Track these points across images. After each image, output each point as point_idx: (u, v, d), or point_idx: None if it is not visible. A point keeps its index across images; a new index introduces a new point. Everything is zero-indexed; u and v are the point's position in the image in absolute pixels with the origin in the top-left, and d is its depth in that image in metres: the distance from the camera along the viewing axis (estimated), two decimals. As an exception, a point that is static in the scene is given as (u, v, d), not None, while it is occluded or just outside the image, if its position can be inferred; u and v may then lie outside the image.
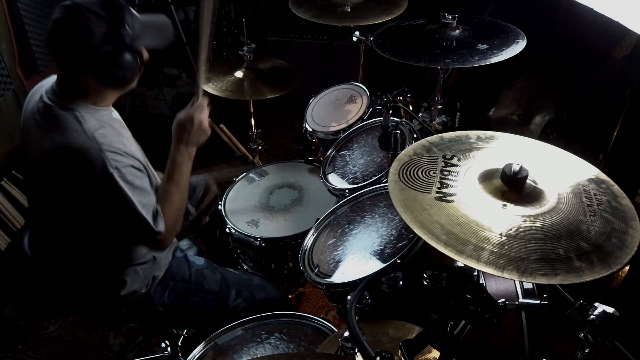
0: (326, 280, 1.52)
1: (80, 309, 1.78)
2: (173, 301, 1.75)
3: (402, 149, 1.41)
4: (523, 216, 1.01)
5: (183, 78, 3.99)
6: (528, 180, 1.06)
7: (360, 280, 1.42)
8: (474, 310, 1.07)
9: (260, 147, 2.67)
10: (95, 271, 1.64)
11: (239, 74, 2.37)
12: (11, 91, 2.61)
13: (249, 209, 2.20)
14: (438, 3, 2.38)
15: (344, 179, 2.03)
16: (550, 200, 1.05)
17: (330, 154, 2.17)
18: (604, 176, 1.14)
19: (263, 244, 2.03)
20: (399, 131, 1.69)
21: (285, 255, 2.09)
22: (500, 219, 1.01)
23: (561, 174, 1.13)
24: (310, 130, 2.35)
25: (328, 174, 2.07)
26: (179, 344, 2.00)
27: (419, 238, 1.32)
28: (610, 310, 1.05)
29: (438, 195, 1.07)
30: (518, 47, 1.84)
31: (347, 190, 1.91)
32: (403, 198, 1.06)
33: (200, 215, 2.14)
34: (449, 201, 1.05)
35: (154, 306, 1.73)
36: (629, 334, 1.70)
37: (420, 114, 2.28)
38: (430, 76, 3.34)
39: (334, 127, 2.29)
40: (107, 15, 1.40)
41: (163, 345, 2.03)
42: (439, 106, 2.21)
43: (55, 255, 1.66)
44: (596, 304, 1.07)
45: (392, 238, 1.57)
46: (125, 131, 1.58)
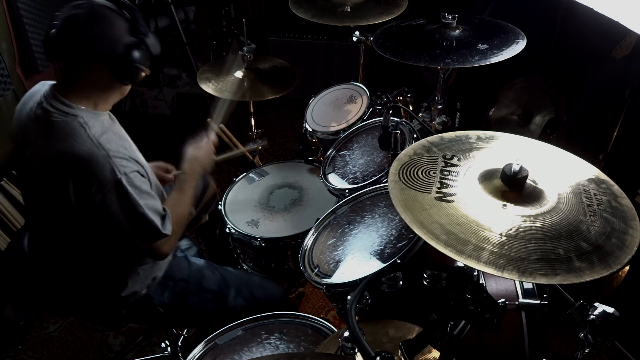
0: (326, 280, 1.52)
1: (80, 309, 1.78)
2: (173, 301, 1.75)
3: (402, 149, 1.41)
4: (523, 216, 1.01)
5: (183, 78, 3.99)
6: (528, 180, 1.06)
7: (360, 280, 1.42)
8: (474, 310, 1.07)
9: (260, 147, 2.66)
10: (96, 272, 1.63)
11: (239, 74, 2.37)
12: (11, 91, 2.61)
13: (249, 209, 2.20)
14: (438, 3, 2.38)
15: (344, 179, 2.03)
16: (550, 200, 1.05)
17: (330, 154, 2.17)
18: (604, 176, 1.14)
19: (263, 244, 2.03)
20: (399, 131, 1.69)
21: (285, 255, 2.09)
22: (500, 219, 1.01)
23: (561, 174, 1.13)
24: (310, 130, 2.35)
25: (328, 174, 2.07)
26: (179, 344, 1.99)
27: (419, 238, 1.32)
28: (610, 310, 1.05)
29: (438, 195, 1.07)
30: (518, 47, 1.84)
31: (347, 190, 1.91)
32: (403, 198, 1.06)
33: (200, 213, 2.14)
34: (449, 201, 1.05)
35: (154, 306, 1.73)
36: (629, 334, 1.70)
37: (420, 114, 2.28)
38: (430, 76, 3.34)
39: (334, 127, 2.28)
40: (125, 14, 1.49)
41: (163, 345, 2.03)
42: (439, 106, 2.21)
43: (56, 257, 1.66)
44: (596, 304, 1.07)
45: (392, 238, 1.57)
46: (124, 134, 1.58)
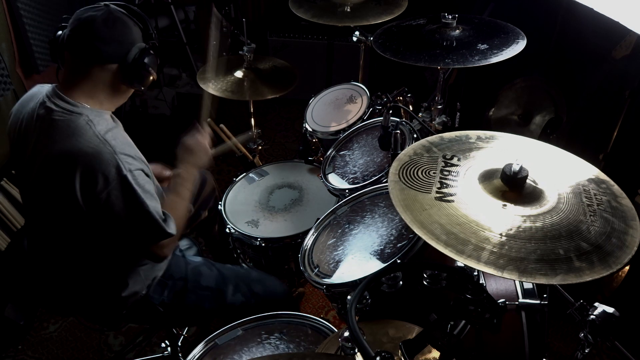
0: (326, 280, 1.52)
1: (80, 309, 1.78)
2: (172, 300, 1.75)
3: (402, 149, 1.41)
4: (523, 216, 1.01)
5: (183, 78, 3.99)
6: (528, 180, 1.06)
7: (360, 280, 1.42)
8: (474, 310, 1.07)
9: (260, 147, 2.67)
10: (96, 272, 1.63)
11: (239, 74, 2.37)
12: (11, 91, 2.61)
13: (249, 209, 2.20)
14: (438, 3, 2.38)
15: (344, 179, 2.03)
16: (550, 200, 1.05)
17: (330, 154, 2.17)
18: (604, 176, 1.14)
19: (263, 244, 2.03)
20: (399, 131, 1.69)
21: (285, 255, 2.09)
22: (500, 219, 1.01)
23: (561, 174, 1.13)
24: (310, 130, 2.35)
25: (328, 174, 2.07)
26: (179, 344, 2.00)
27: (419, 238, 1.32)
28: (610, 310, 1.05)
29: (438, 195, 1.07)
30: (518, 47, 1.84)
31: (347, 190, 1.91)
32: (403, 198, 1.06)
33: (199, 210, 2.14)
34: (449, 201, 1.05)
35: (154, 306, 1.73)
36: (629, 334, 1.70)
37: (420, 114, 2.28)
38: (430, 76, 3.34)
39: (334, 127, 2.28)
40: (138, 20, 1.53)
41: (163, 345, 2.03)
42: (439, 106, 2.21)
43: (56, 257, 1.66)
44: (596, 304, 1.07)
45: (392, 238, 1.57)
46: (127, 136, 1.58)
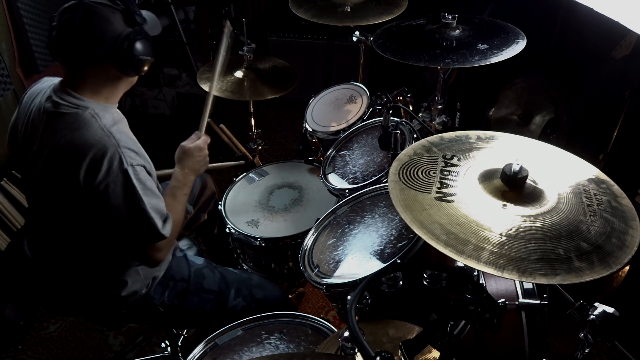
0: (326, 280, 1.52)
1: (80, 309, 1.78)
2: (173, 301, 1.75)
3: (402, 149, 1.41)
4: (523, 216, 1.01)
5: (183, 78, 3.99)
6: (528, 180, 1.06)
7: (360, 280, 1.42)
8: (474, 310, 1.07)
9: (260, 147, 2.67)
10: (96, 272, 1.63)
11: (239, 74, 2.37)
12: (11, 91, 2.61)
13: (249, 209, 2.20)
14: (438, 3, 2.38)
15: (344, 179, 2.02)
16: (550, 200, 1.05)
17: (330, 154, 2.17)
18: (604, 176, 1.14)
19: (263, 244, 2.03)
20: (399, 131, 1.69)
21: (285, 255, 2.09)
22: (500, 219, 1.01)
23: (561, 174, 1.13)
24: (310, 130, 2.35)
25: (328, 174, 2.07)
26: (179, 344, 1.99)
27: (419, 238, 1.32)
28: (610, 310, 1.05)
29: (438, 195, 1.06)
30: (518, 47, 1.84)
31: (347, 190, 1.91)
32: (403, 198, 1.06)
33: (199, 212, 2.14)
34: (449, 201, 1.05)
35: (154, 306, 1.73)
36: (629, 334, 1.70)
37: (420, 114, 2.28)
38: (430, 76, 3.34)
39: (334, 127, 2.28)
40: (119, 6, 1.46)
41: (163, 345, 2.03)
42: (439, 106, 2.21)
43: (56, 256, 1.66)
44: (596, 304, 1.07)
45: (392, 238, 1.57)
46: (130, 132, 1.58)
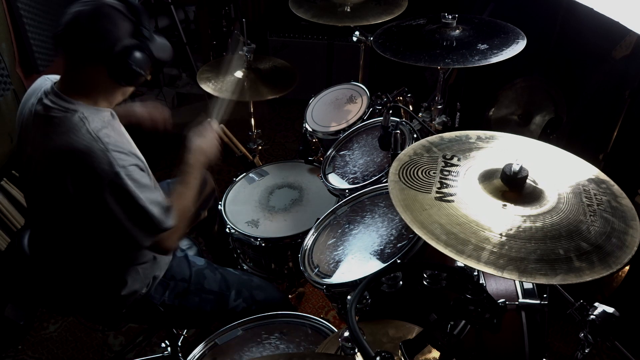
0: (326, 280, 1.52)
1: (80, 309, 1.78)
2: (173, 301, 1.75)
3: (402, 149, 1.41)
4: (523, 216, 1.01)
5: (183, 78, 4.00)
6: (528, 180, 1.06)
7: (360, 280, 1.43)
8: (474, 310, 1.07)
9: (260, 147, 2.67)
10: (95, 271, 1.64)
11: (239, 74, 2.37)
12: (11, 91, 2.61)
13: (249, 209, 2.20)
14: (438, 3, 2.38)
15: (344, 179, 2.02)
16: (550, 200, 1.05)
17: (330, 154, 2.17)
18: (604, 176, 1.14)
19: (263, 244, 2.03)
20: (399, 131, 1.69)
21: (285, 255, 2.09)
22: (500, 219, 1.01)
23: (561, 174, 1.13)
24: (310, 130, 2.35)
25: (328, 174, 2.07)
26: (179, 344, 2.00)
27: (419, 238, 1.32)
28: (610, 310, 1.05)
29: (438, 195, 1.07)
30: (518, 47, 1.84)
31: (347, 190, 1.91)
32: (403, 198, 1.06)
33: (199, 210, 2.13)
34: (449, 201, 1.05)
35: (154, 306, 1.73)
36: (629, 334, 1.70)
37: (420, 114, 2.28)
38: (430, 76, 3.34)
39: (334, 127, 2.28)
40: (130, 16, 1.47)
41: (163, 345, 2.03)
42: (439, 106, 2.21)
43: (56, 256, 1.66)
44: (596, 304, 1.07)
45: (392, 238, 1.57)
46: (124, 131, 1.59)
